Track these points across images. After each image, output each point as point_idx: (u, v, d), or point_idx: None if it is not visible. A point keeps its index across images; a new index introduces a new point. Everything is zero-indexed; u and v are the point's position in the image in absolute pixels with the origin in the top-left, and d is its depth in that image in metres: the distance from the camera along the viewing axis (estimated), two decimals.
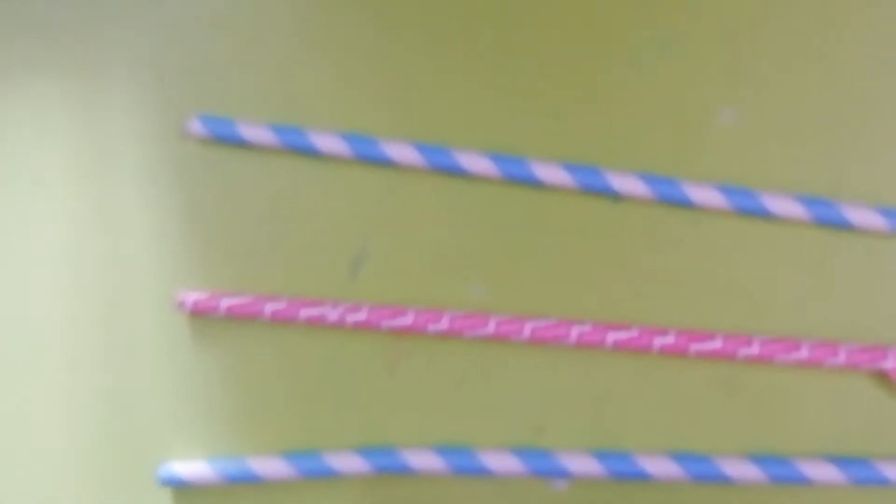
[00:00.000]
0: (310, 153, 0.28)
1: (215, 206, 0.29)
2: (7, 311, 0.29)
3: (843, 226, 0.28)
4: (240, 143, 0.28)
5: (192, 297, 0.28)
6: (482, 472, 0.27)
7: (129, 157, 0.29)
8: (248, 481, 0.27)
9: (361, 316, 0.27)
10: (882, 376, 0.28)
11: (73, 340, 0.29)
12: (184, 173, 0.29)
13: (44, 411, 0.28)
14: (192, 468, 0.27)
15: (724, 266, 0.28)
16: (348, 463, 0.27)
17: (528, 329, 0.27)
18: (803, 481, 0.27)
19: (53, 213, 0.29)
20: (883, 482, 0.27)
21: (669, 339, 0.27)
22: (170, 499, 0.28)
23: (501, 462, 0.27)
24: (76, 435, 0.28)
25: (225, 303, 0.27)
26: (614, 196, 0.28)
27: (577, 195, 0.28)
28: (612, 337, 0.27)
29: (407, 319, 0.27)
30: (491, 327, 0.27)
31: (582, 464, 0.27)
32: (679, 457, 0.27)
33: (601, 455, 0.27)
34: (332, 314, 0.27)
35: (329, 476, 0.27)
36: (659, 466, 0.27)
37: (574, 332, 0.27)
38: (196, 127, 0.28)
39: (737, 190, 0.28)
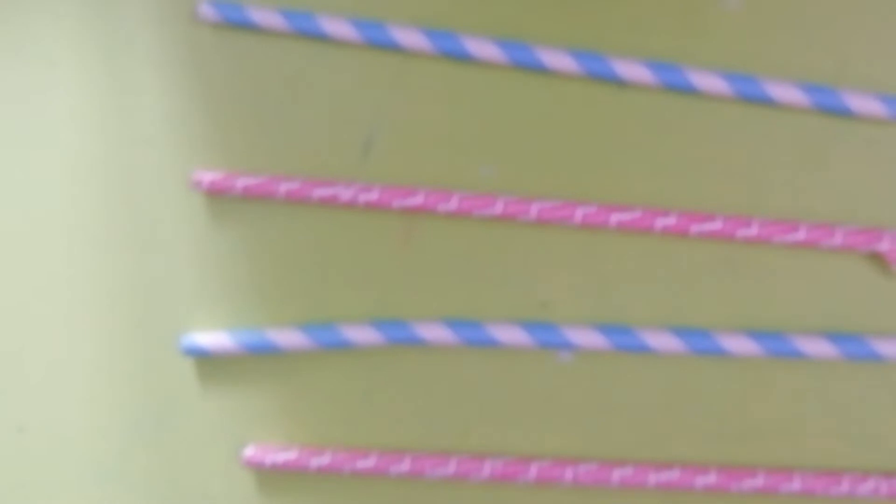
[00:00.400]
0: (320, 37, 0.29)
1: (229, 89, 0.29)
2: (24, 194, 0.29)
3: (843, 112, 0.29)
4: (251, 27, 0.29)
5: (208, 176, 0.28)
6: (490, 344, 0.28)
7: (142, 39, 0.29)
8: (267, 351, 0.28)
9: (373, 195, 0.28)
10: (877, 257, 0.29)
11: (93, 220, 0.29)
12: (196, 56, 0.29)
13: (67, 289, 0.29)
14: (213, 338, 0.28)
15: (726, 150, 0.29)
16: (362, 335, 0.28)
17: (534, 209, 0.28)
18: (799, 355, 0.28)
19: (67, 95, 0.29)
20: (875, 358, 0.28)
21: (671, 220, 0.28)
22: (192, 367, 0.29)
23: (509, 334, 0.28)
24: (101, 310, 0.29)
25: (241, 182, 0.28)
26: (619, 82, 0.29)
27: (583, 81, 0.29)
28: (615, 217, 0.28)
29: (418, 199, 0.28)
30: (499, 207, 0.28)
31: (586, 337, 0.28)
32: (679, 331, 0.28)
33: (605, 329, 0.28)
34: (345, 193, 0.28)
35: (343, 346, 0.28)
36: (660, 340, 0.28)
37: (579, 212, 0.28)
38: (206, 10, 0.28)
39: (739, 76, 0.28)
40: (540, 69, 0.28)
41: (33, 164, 0.30)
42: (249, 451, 0.29)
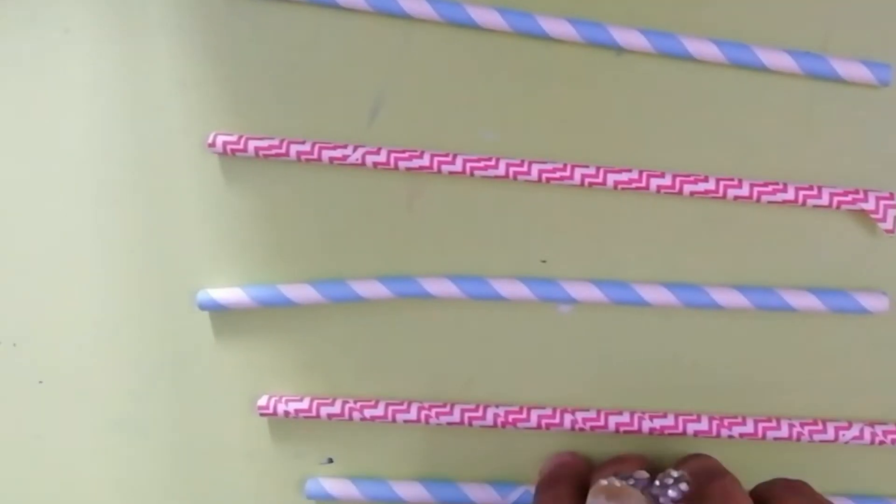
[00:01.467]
0: (330, 4, 0.29)
1: (242, 54, 0.30)
2: (44, 156, 0.31)
3: (830, 77, 0.30)
4: None
5: (223, 138, 0.30)
6: (493, 297, 0.29)
7: (156, 4, 0.30)
8: (279, 305, 0.30)
9: (381, 157, 0.29)
10: (862, 215, 0.30)
11: (112, 182, 0.31)
12: (210, 21, 0.30)
13: (88, 247, 0.31)
14: (228, 293, 0.30)
15: (719, 114, 0.30)
16: (370, 289, 0.29)
17: (535, 170, 0.29)
18: (787, 309, 0.30)
19: (83, 61, 0.30)
20: (860, 311, 0.30)
21: (666, 181, 0.29)
22: (208, 321, 0.30)
23: (511, 288, 0.29)
24: (121, 267, 0.31)
25: (253, 144, 0.29)
26: (617, 49, 0.30)
27: (582, 47, 0.30)
28: (612, 178, 0.29)
29: (423, 161, 0.29)
30: (501, 168, 0.29)
31: (584, 290, 0.29)
32: (672, 285, 0.30)
33: (602, 283, 0.30)
34: (354, 155, 0.29)
35: (353, 300, 0.29)
36: (654, 294, 0.29)
37: (578, 173, 0.29)
38: None
39: (732, 43, 0.29)
40: (541, 35, 0.30)
41: (52, 128, 0.31)
42: (263, 401, 0.30)
